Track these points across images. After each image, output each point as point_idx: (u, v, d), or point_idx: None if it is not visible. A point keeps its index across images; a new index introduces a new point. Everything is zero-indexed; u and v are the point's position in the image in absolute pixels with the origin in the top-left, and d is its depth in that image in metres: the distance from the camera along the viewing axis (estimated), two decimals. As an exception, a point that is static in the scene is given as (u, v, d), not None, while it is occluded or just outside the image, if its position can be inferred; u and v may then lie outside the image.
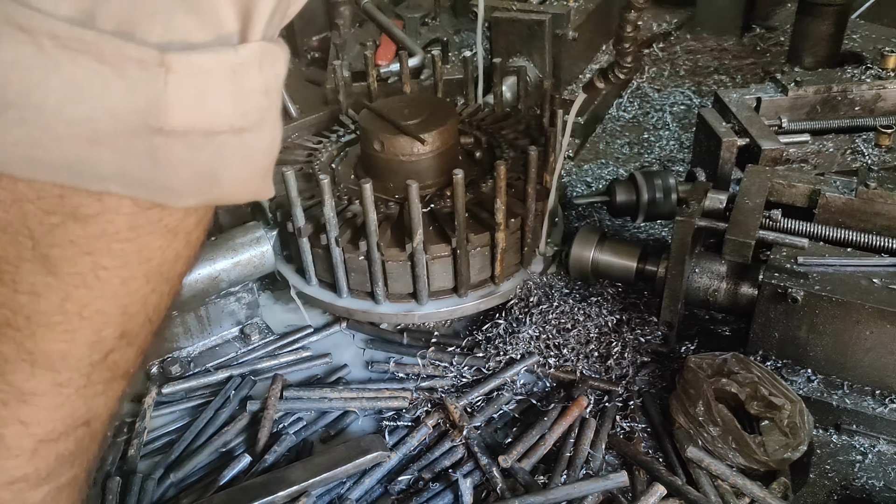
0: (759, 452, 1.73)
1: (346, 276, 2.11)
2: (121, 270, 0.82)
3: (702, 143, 2.42)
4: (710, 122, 2.33)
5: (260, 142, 0.84)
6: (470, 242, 2.03)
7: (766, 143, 2.20)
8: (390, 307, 2.13)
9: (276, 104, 0.85)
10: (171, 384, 2.05)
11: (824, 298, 1.79)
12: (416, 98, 2.30)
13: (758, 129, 2.26)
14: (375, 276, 2.05)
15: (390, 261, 2.04)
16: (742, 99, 2.45)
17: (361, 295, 2.16)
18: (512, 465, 1.75)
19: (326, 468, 1.76)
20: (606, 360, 2.05)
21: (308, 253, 2.12)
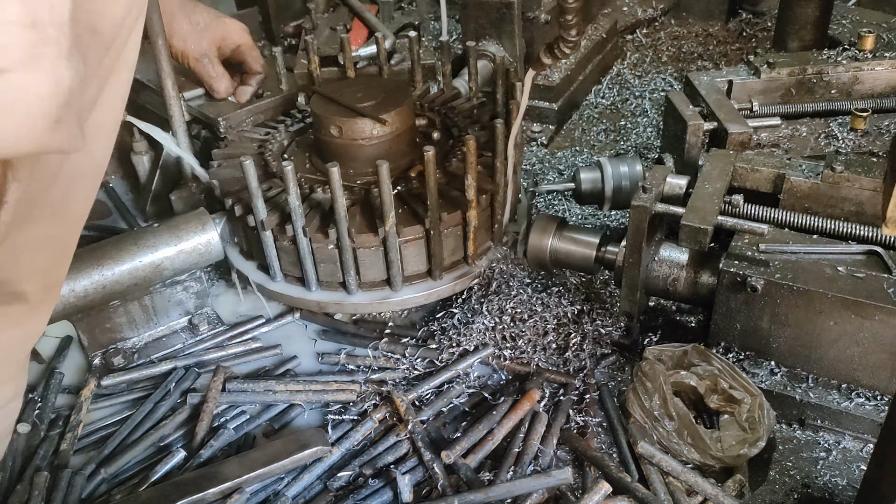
0: (715, 448, 1.65)
1: (314, 268, 2.01)
2: None
3: (670, 127, 2.33)
4: (677, 105, 2.24)
5: (32, 84, 0.74)
6: (443, 222, 1.95)
7: (733, 126, 2.10)
8: (364, 296, 2.03)
9: (54, 40, 0.75)
10: (111, 376, 1.98)
11: (785, 287, 1.70)
12: (366, 80, 2.22)
13: (726, 113, 2.17)
14: (347, 265, 1.96)
15: (362, 247, 1.94)
16: (712, 82, 2.35)
17: (332, 286, 2.05)
18: (455, 462, 1.67)
19: (263, 463, 1.68)
20: (564, 351, 1.97)
21: (271, 247, 2.00)
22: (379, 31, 3.07)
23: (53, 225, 1.25)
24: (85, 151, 1.19)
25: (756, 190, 1.96)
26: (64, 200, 1.23)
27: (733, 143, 2.10)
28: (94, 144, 1.24)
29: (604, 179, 2.27)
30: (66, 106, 0.82)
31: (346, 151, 2.03)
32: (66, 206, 1.25)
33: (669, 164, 2.21)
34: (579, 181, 2.30)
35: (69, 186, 1.23)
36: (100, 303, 1.96)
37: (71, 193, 1.24)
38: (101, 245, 1.97)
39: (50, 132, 0.80)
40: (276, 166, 2.11)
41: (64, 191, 1.22)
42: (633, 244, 1.83)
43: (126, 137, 2.84)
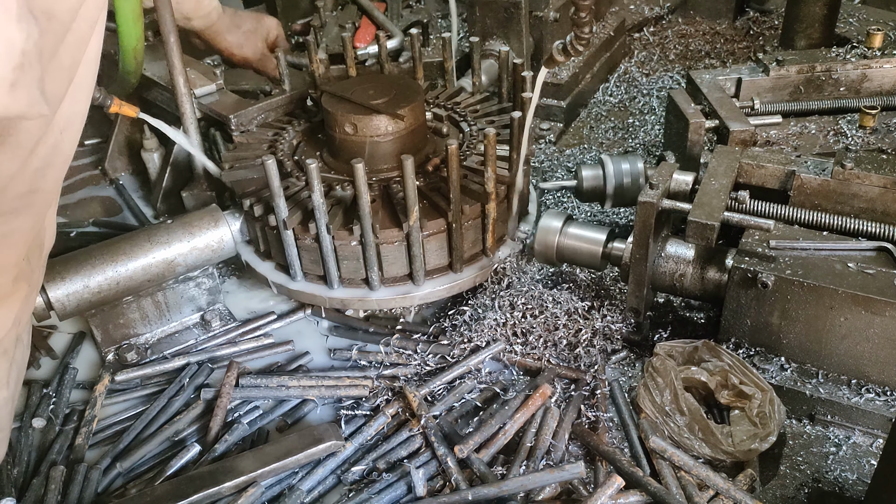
0: (726, 443, 1.66)
1: (337, 265, 2.01)
2: None
3: (672, 125, 2.34)
4: (679, 103, 2.24)
5: None
6: (464, 215, 1.96)
7: (734, 124, 2.11)
8: (386, 292, 2.04)
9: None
10: (125, 371, 2.00)
11: (796, 283, 1.71)
12: (375, 78, 2.22)
13: (727, 111, 2.18)
14: (370, 261, 1.97)
15: (385, 243, 1.95)
16: (714, 80, 2.36)
17: (355, 283, 2.06)
18: (468, 456, 1.68)
19: (277, 458, 1.70)
20: (575, 347, 1.98)
21: (292, 246, 2.00)
22: (387, 29, 3.08)
23: (21, 218, 1.26)
24: (52, 142, 1.23)
25: (762, 186, 1.97)
26: (30, 193, 1.25)
27: (735, 141, 2.11)
28: (62, 136, 1.26)
29: (605, 176, 2.27)
30: (20, 69, 0.81)
31: (362, 148, 2.04)
32: (34, 199, 1.27)
33: (671, 161, 2.21)
34: (581, 178, 2.31)
35: (36, 178, 1.24)
36: (113, 299, 1.98)
37: (38, 185, 1.25)
38: (114, 241, 1.98)
39: (6, 96, 0.80)
40: (291, 165, 2.13)
41: (31, 183, 1.23)
42: (640, 240, 1.84)
43: (136, 135, 2.87)
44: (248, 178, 2.10)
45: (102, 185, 2.93)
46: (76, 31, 1.17)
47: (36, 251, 1.42)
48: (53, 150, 1.26)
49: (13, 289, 1.34)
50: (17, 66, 0.80)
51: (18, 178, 1.19)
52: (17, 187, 1.20)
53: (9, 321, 1.37)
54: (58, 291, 1.88)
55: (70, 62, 1.21)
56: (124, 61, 2.28)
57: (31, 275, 1.41)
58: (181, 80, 2.24)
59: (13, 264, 1.30)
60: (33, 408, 1.91)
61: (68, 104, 1.26)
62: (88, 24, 1.21)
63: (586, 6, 1.56)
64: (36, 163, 1.22)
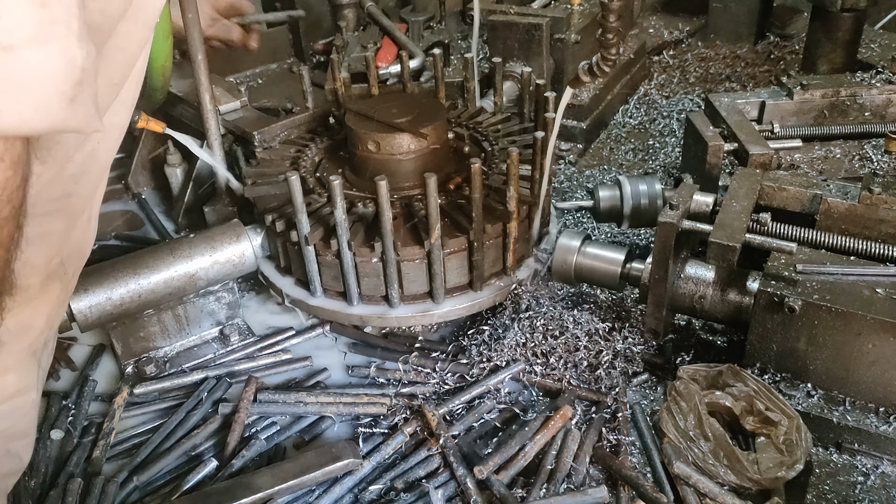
0: (752, 470, 1.63)
1: (357, 282, 2.01)
2: None
3: (690, 147, 2.33)
4: (697, 126, 2.24)
5: (43, 61, 0.76)
6: (485, 234, 1.96)
7: (754, 147, 2.10)
8: (406, 309, 2.03)
9: (62, 18, 0.77)
10: (143, 384, 1.99)
11: (824, 308, 1.69)
12: (397, 96, 2.23)
13: (747, 134, 2.16)
14: (391, 278, 1.97)
15: (406, 260, 1.95)
16: (733, 103, 2.35)
17: (375, 300, 2.05)
18: (488, 477, 1.66)
19: (295, 475, 1.68)
20: (596, 369, 1.96)
21: (313, 262, 2.00)
22: (409, 49, 3.10)
23: (54, 220, 1.29)
24: (89, 150, 1.26)
25: (784, 209, 1.96)
26: (66, 197, 1.28)
27: (755, 165, 2.09)
28: (100, 146, 1.30)
29: (623, 197, 2.26)
30: (79, 85, 0.84)
31: (384, 166, 2.04)
32: (69, 203, 1.30)
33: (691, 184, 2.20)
34: (598, 198, 2.30)
35: (73, 184, 1.27)
36: (135, 311, 1.98)
37: (73, 190, 1.28)
38: (137, 254, 1.99)
39: (66, 110, 0.82)
40: (313, 182, 2.13)
41: (65, 187, 1.26)
42: (660, 260, 1.83)
43: (159, 150, 2.89)
44: (271, 194, 2.11)
45: (125, 199, 2.95)
46: (125, 49, 1.21)
47: (74, 258, 1.44)
48: (90, 157, 1.28)
49: (43, 290, 1.35)
50: (77, 83, 0.83)
51: (55, 182, 1.22)
52: (52, 191, 1.22)
53: (41, 322, 1.39)
54: (80, 303, 1.88)
55: (119, 78, 1.25)
56: (152, 78, 2.31)
57: (66, 278, 1.42)
58: (207, 96, 2.26)
59: (43, 265, 1.32)
60: (52, 419, 1.91)
61: (108, 115, 1.28)
62: (138, 44, 1.26)
63: (614, 28, 1.56)
64: (72, 168, 1.24)
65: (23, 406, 1.45)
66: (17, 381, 1.41)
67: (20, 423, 1.47)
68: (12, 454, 1.51)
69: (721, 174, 2.22)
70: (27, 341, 1.39)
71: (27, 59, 0.75)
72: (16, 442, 1.50)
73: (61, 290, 1.41)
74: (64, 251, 1.37)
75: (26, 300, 1.31)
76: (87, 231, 1.46)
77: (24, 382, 1.43)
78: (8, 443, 1.48)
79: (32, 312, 1.36)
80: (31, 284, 1.29)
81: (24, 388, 1.43)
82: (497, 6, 3.04)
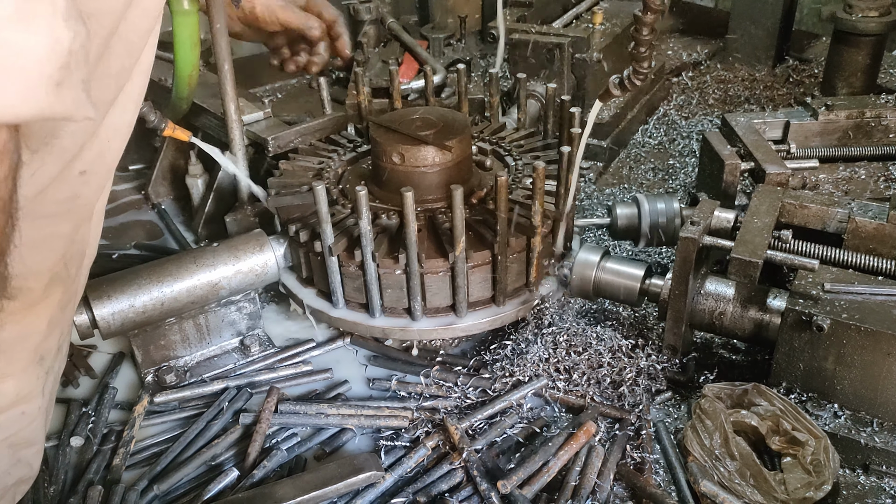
0: (780, 490, 1.61)
1: (379, 294, 2.00)
2: None
3: (706, 166, 2.33)
4: (714, 144, 2.24)
5: (26, 42, 0.71)
6: (509, 248, 1.95)
7: (770, 167, 2.10)
8: (428, 322, 2.03)
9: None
10: (164, 393, 1.99)
11: (852, 328, 1.67)
12: (421, 110, 2.24)
13: (763, 153, 2.16)
14: (414, 291, 1.96)
15: (430, 273, 1.94)
16: (749, 123, 2.35)
17: (397, 312, 2.05)
18: (512, 492, 1.64)
19: (316, 486, 1.67)
20: (619, 386, 1.94)
21: (336, 273, 2.00)
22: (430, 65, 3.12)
23: (60, 223, 1.25)
24: (98, 150, 1.22)
25: (804, 227, 1.95)
26: (73, 198, 1.24)
27: (772, 184, 2.09)
28: (108, 145, 1.26)
29: (640, 215, 2.25)
30: (66, 68, 0.80)
31: (408, 179, 2.04)
32: (74, 205, 1.26)
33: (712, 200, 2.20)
34: (615, 216, 2.29)
35: (79, 185, 1.23)
36: (157, 319, 1.98)
37: (80, 191, 1.24)
38: (161, 262, 1.99)
39: (52, 96, 0.77)
40: (336, 193, 2.14)
41: (73, 188, 1.22)
42: (680, 276, 1.82)
43: (180, 161, 2.91)
44: (294, 205, 2.11)
45: (144, 209, 2.96)
46: (125, 38, 1.16)
47: (76, 259, 1.40)
48: (98, 157, 1.25)
49: (46, 294, 1.31)
50: (63, 66, 0.78)
51: (60, 182, 1.18)
52: (57, 192, 1.19)
53: (42, 325, 1.35)
54: (103, 310, 1.88)
55: (118, 69, 1.20)
56: (178, 87, 2.32)
57: (69, 282, 1.39)
58: (232, 106, 2.28)
59: (47, 269, 1.28)
60: (72, 426, 1.90)
61: (116, 113, 1.25)
62: (140, 34, 1.20)
63: (647, 41, 1.57)
64: (79, 166, 1.20)
65: (29, 413, 1.42)
66: (19, 389, 1.38)
67: (26, 430, 1.45)
68: (22, 462, 1.49)
69: (737, 193, 2.22)
70: (29, 347, 1.36)
71: (7, 41, 0.70)
72: (24, 450, 1.48)
73: (63, 292, 1.37)
74: (68, 253, 1.34)
75: (28, 305, 1.27)
76: (95, 237, 1.43)
77: (26, 389, 1.39)
78: (16, 451, 1.46)
79: (34, 319, 1.32)
80: (32, 288, 1.26)
81: (28, 395, 1.40)
82: (519, 25, 3.05)
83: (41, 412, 1.47)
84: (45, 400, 1.47)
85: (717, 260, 2.10)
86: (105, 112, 1.22)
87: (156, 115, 2.21)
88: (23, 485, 1.54)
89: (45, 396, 1.46)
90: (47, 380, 1.47)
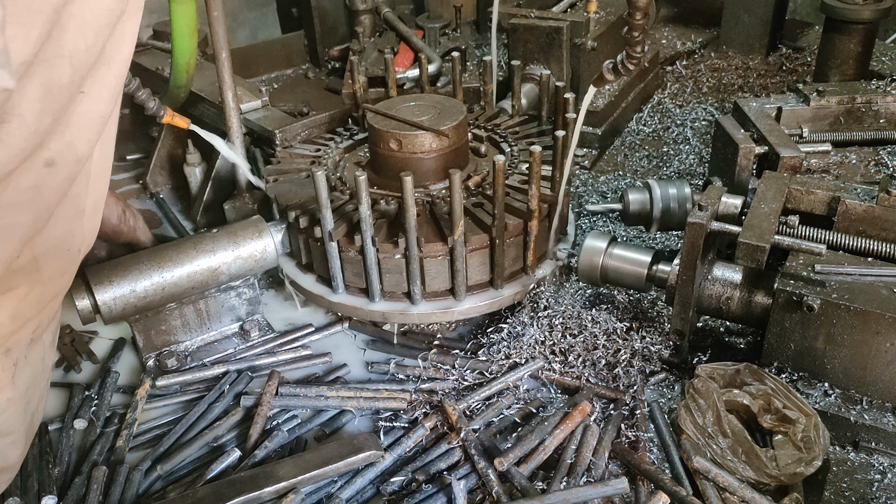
0: (771, 466, 1.64)
1: (379, 278, 2.03)
2: None
3: (719, 151, 2.35)
4: (727, 129, 2.26)
5: None
6: (507, 231, 1.98)
7: (785, 151, 2.13)
8: (427, 306, 2.06)
9: None
10: (165, 377, 2.01)
11: (842, 307, 1.70)
12: (417, 97, 2.26)
13: (777, 137, 2.19)
14: (413, 275, 1.99)
15: (429, 257, 1.97)
16: (762, 108, 2.38)
17: (396, 297, 2.08)
18: (509, 469, 1.68)
19: (317, 465, 1.70)
20: (614, 367, 1.98)
21: (336, 258, 2.03)
22: (425, 54, 3.14)
23: (19, 213, 1.21)
24: (64, 140, 1.18)
25: (810, 212, 1.97)
26: (36, 188, 1.20)
27: (785, 167, 2.11)
28: (77, 135, 1.22)
29: (652, 201, 2.28)
30: None
31: (406, 165, 2.07)
32: (38, 195, 1.22)
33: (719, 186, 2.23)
34: (627, 202, 2.32)
35: (43, 175, 1.19)
36: (158, 304, 2.00)
37: (44, 182, 1.21)
38: (161, 248, 2.02)
39: None
40: (334, 180, 2.16)
41: (37, 178, 1.19)
42: (688, 262, 1.85)
43: (178, 150, 2.93)
44: (291, 191, 2.13)
45: (143, 198, 2.98)
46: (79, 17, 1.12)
47: (55, 254, 1.34)
48: (67, 147, 1.21)
49: (5, 286, 1.26)
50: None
51: (23, 171, 1.15)
52: (20, 180, 1.16)
53: (5, 318, 1.30)
54: (105, 295, 1.90)
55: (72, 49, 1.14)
56: (176, 75, 2.34)
57: (39, 277, 1.33)
58: (230, 94, 2.30)
59: (4, 261, 1.23)
60: (75, 409, 1.93)
61: (87, 102, 1.21)
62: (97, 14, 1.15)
63: (639, 25, 1.59)
64: (45, 155, 1.17)
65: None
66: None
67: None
68: None
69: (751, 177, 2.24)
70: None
71: None
72: None
73: (29, 286, 1.31)
74: (38, 247, 1.28)
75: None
76: (75, 227, 1.37)
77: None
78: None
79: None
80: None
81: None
82: (517, 10, 3.08)
83: (12, 403, 1.42)
84: (16, 391, 1.42)
85: (731, 242, 2.11)
86: (61, 95, 1.16)
87: (154, 102, 2.23)
88: (3, 475, 1.53)
89: (16, 388, 1.41)
90: (17, 371, 1.40)
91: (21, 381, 1.42)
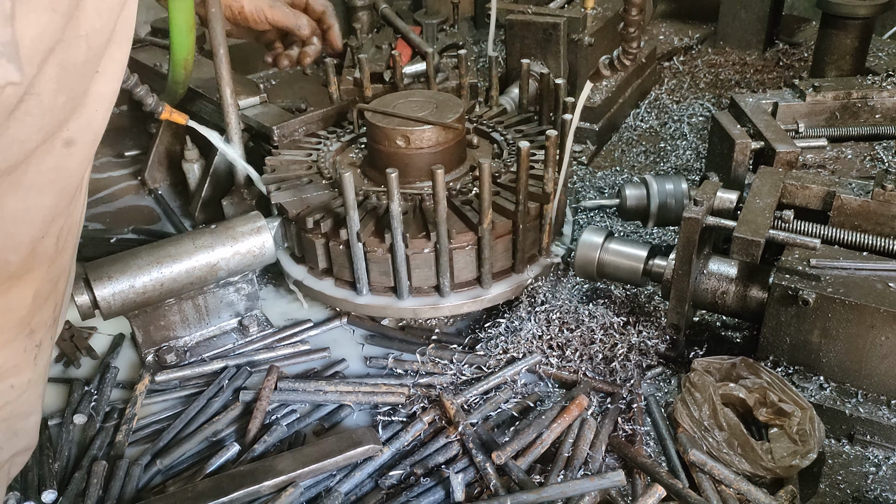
0: (766, 459, 1.65)
1: (408, 275, 2.04)
2: None
3: (715, 146, 2.36)
4: (724, 124, 2.27)
5: None
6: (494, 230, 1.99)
7: (781, 146, 2.14)
8: (457, 297, 2.07)
9: None
10: (164, 372, 2.02)
11: (837, 301, 1.72)
12: (413, 94, 2.26)
13: (773, 133, 2.20)
14: (443, 268, 2.00)
15: (457, 248, 1.99)
16: (758, 103, 2.39)
17: (423, 292, 2.08)
18: (507, 463, 1.69)
19: (316, 459, 1.71)
20: (611, 362, 1.99)
21: (362, 259, 2.02)
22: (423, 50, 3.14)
23: (43, 195, 1.23)
24: (82, 121, 1.21)
25: (805, 207, 1.99)
26: (56, 170, 1.22)
27: (781, 162, 2.13)
28: (93, 115, 1.24)
29: (649, 196, 2.29)
30: None
31: (410, 160, 2.08)
32: (58, 176, 1.24)
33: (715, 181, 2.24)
34: (624, 197, 2.33)
35: (63, 156, 1.22)
36: (157, 300, 2.01)
37: (63, 163, 1.23)
38: (160, 243, 2.02)
39: None
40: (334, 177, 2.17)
41: (56, 160, 1.21)
42: (684, 256, 1.86)
43: (176, 146, 2.93)
44: (298, 199, 2.12)
45: (141, 194, 2.99)
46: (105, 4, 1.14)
47: (64, 234, 1.37)
48: (85, 127, 1.23)
49: (27, 267, 1.28)
50: None
51: (45, 153, 1.17)
52: (42, 162, 1.17)
53: (27, 299, 1.33)
54: (104, 290, 1.91)
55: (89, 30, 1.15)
56: (174, 71, 2.34)
57: (56, 256, 1.36)
58: (228, 90, 2.30)
59: (27, 242, 1.25)
60: (74, 404, 1.94)
61: (102, 82, 1.23)
62: None
63: (635, 21, 1.60)
64: (65, 135, 1.19)
65: (18, 386, 1.41)
66: (3, 361, 1.36)
67: (16, 403, 1.43)
68: (20, 434, 1.49)
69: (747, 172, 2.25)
70: (14, 320, 1.34)
71: None
72: (20, 422, 1.47)
73: (49, 267, 1.34)
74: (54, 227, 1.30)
75: (6, 278, 1.26)
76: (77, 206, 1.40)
77: (12, 362, 1.38)
78: (10, 424, 1.45)
79: (17, 292, 1.30)
80: (10, 261, 1.24)
81: (14, 368, 1.39)
82: (515, 6, 3.09)
83: (32, 384, 1.45)
84: (36, 373, 1.45)
85: (727, 237, 2.12)
86: (78, 75, 1.18)
87: (153, 98, 2.23)
88: (20, 456, 1.54)
89: (37, 369, 1.45)
90: (39, 353, 1.44)
91: (42, 363, 1.45)
